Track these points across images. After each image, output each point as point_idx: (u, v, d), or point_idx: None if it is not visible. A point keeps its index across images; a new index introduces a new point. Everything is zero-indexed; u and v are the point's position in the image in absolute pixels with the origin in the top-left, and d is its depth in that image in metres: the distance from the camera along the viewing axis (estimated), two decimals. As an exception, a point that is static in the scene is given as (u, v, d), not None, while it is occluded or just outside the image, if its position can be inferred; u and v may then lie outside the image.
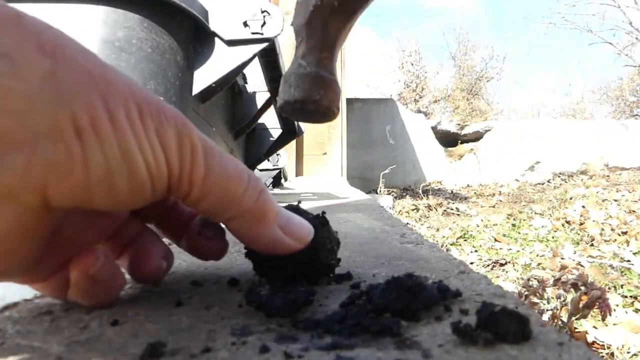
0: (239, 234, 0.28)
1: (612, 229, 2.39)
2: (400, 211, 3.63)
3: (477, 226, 2.82)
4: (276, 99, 0.45)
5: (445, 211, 3.72)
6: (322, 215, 0.32)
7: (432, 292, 0.25)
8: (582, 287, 0.94)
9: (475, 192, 5.16)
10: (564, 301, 1.04)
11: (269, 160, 1.95)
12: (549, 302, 1.13)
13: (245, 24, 0.75)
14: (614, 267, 1.75)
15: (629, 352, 1.03)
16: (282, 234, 0.28)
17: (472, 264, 1.99)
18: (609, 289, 1.49)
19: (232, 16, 0.75)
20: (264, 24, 0.76)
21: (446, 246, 2.36)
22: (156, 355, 0.20)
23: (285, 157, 2.09)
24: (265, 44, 0.77)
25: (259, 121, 1.52)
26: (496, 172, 5.83)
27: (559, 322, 0.99)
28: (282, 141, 1.69)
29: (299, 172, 3.74)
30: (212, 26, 0.75)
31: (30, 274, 0.25)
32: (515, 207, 3.82)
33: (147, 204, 0.24)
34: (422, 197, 4.21)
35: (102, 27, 0.62)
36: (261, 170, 1.98)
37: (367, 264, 0.39)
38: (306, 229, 0.29)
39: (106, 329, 0.24)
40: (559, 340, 0.20)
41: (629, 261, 1.81)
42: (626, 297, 1.43)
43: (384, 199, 3.32)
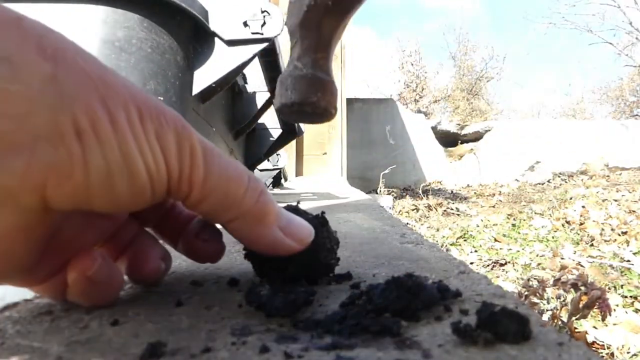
0: (239, 235, 0.28)
1: (612, 229, 2.39)
2: (400, 211, 3.63)
3: (477, 226, 2.82)
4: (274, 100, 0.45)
5: (445, 211, 3.72)
6: (321, 215, 0.32)
7: (432, 292, 0.25)
8: (582, 287, 0.94)
9: (475, 192, 5.16)
10: (564, 301, 1.04)
11: (269, 160, 1.95)
12: (549, 302, 1.13)
13: (245, 24, 0.75)
14: (614, 267, 1.75)
15: (629, 352, 1.03)
16: (282, 235, 0.28)
17: (472, 264, 1.99)
18: (609, 289, 1.49)
19: (232, 16, 0.75)
20: (264, 24, 0.76)
21: (446, 246, 2.36)
22: (156, 355, 0.20)
23: (285, 157, 2.09)
24: (265, 44, 0.77)
25: (259, 121, 1.51)
26: (496, 172, 5.83)
27: (559, 322, 0.99)
28: (282, 141, 1.69)
29: (299, 172, 3.75)
30: (212, 26, 0.75)
31: (28, 276, 0.25)
32: (515, 207, 3.82)
33: (147, 207, 0.24)
34: (422, 197, 4.21)
35: (102, 27, 0.62)
36: (261, 170, 1.98)
37: (367, 264, 0.39)
38: (307, 230, 0.29)
39: (106, 329, 0.24)
40: (559, 340, 0.20)
41: (629, 261, 1.81)
42: (626, 297, 1.43)
43: (384, 199, 3.32)
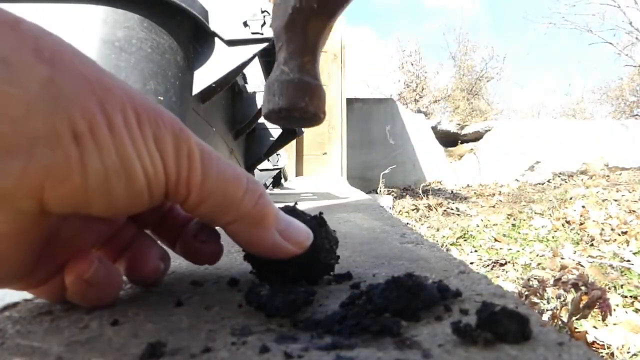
0: (238, 238, 0.28)
1: (612, 229, 2.39)
2: (400, 211, 3.63)
3: (477, 226, 2.82)
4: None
5: (445, 211, 3.72)
6: (319, 216, 0.32)
7: (432, 292, 0.25)
8: (583, 287, 0.94)
9: (475, 192, 5.16)
10: (564, 301, 1.04)
11: (269, 160, 1.95)
12: (549, 302, 1.13)
13: (245, 24, 0.75)
14: (614, 267, 1.75)
15: (629, 352, 1.03)
16: (280, 238, 0.28)
17: (472, 264, 1.99)
18: (609, 289, 1.49)
19: (232, 16, 0.75)
20: (264, 24, 0.76)
21: (446, 246, 2.36)
22: (156, 355, 0.20)
23: (285, 157, 2.09)
24: (265, 44, 0.77)
25: (259, 121, 1.51)
26: (496, 172, 5.83)
27: (559, 322, 0.99)
28: (282, 141, 1.69)
29: (299, 172, 3.75)
30: (212, 26, 0.75)
31: (26, 279, 0.25)
32: (515, 207, 3.82)
33: (144, 210, 0.24)
34: (422, 197, 4.21)
35: (102, 27, 0.62)
36: (261, 170, 1.98)
37: (367, 264, 0.39)
38: (305, 233, 0.29)
39: (106, 329, 0.24)
40: (559, 340, 0.20)
41: (629, 261, 1.81)
42: (626, 297, 1.43)
43: (384, 199, 3.33)
